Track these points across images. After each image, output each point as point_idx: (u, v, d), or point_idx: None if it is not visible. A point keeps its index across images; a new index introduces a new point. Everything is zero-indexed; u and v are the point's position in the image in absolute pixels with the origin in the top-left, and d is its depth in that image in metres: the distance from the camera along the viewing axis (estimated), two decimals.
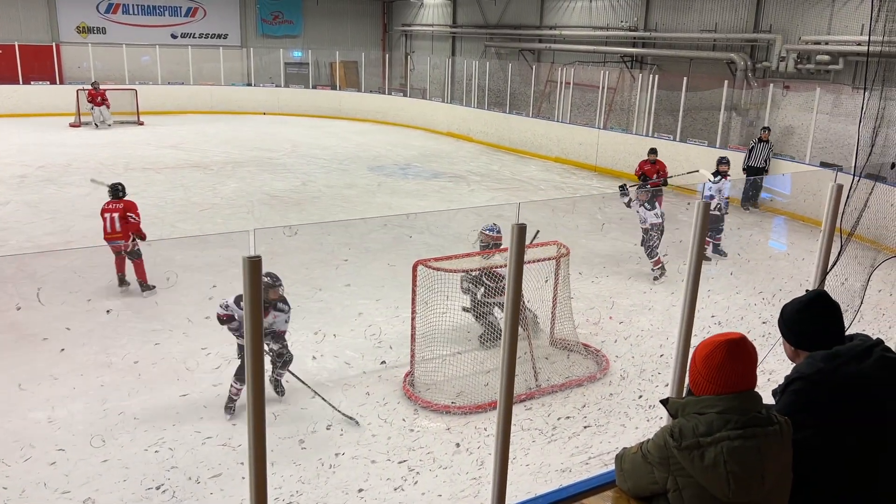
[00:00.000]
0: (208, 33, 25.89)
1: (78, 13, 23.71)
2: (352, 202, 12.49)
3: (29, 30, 22.88)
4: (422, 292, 5.95)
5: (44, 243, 9.42)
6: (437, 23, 26.82)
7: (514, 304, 2.88)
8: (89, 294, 7.15)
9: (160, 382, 5.72)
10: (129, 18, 24.52)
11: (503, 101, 19.91)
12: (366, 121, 23.20)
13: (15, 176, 13.24)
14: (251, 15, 26.76)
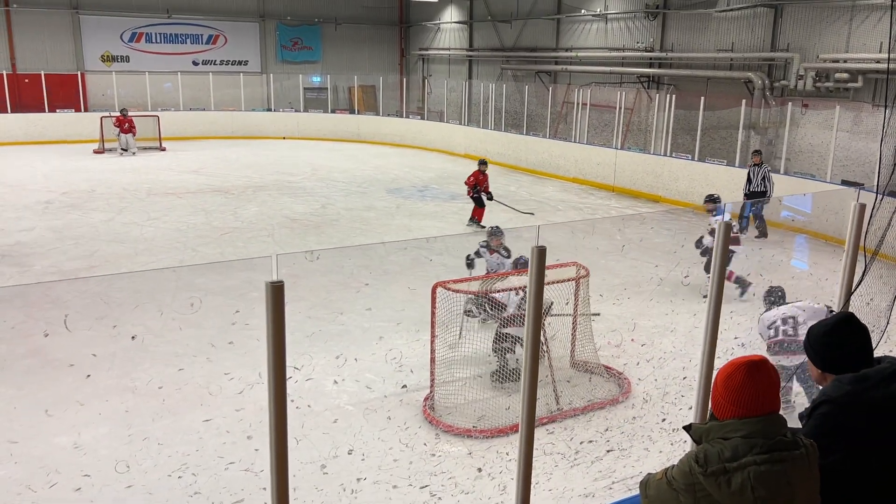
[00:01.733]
0: (229, 60, 26.36)
1: (103, 43, 24.27)
2: (371, 225, 12.56)
3: (55, 59, 23.44)
4: (441, 314, 5.95)
5: (67, 268, 9.55)
6: (454, 46, 27.08)
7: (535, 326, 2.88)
8: (114, 320, 7.21)
9: (184, 407, 5.75)
10: (152, 47, 25.06)
11: (520, 122, 20.00)
12: (384, 144, 23.39)
13: (40, 202, 13.47)
14: (271, 41, 27.21)
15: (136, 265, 9.75)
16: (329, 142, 23.69)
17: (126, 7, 24.23)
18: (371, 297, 8.41)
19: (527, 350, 2.75)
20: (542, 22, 22.09)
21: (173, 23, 25.15)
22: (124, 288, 8.57)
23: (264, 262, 2.91)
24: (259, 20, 26.79)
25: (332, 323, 7.40)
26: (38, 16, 23.08)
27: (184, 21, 25.34)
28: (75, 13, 23.66)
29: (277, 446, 2.39)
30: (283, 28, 27.26)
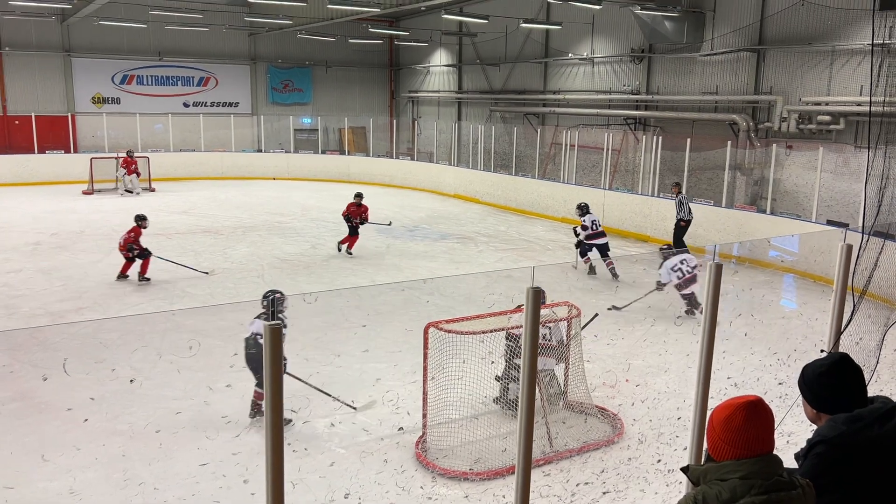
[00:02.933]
0: (220, 101, 26.59)
1: (94, 84, 24.43)
2: (361, 265, 12.57)
3: (46, 101, 23.55)
4: (434, 355, 5.93)
5: (55, 310, 9.47)
6: (444, 89, 27.48)
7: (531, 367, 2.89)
8: (109, 363, 7.15)
9: (180, 451, 5.67)
10: (143, 89, 25.25)
11: (509, 163, 20.23)
12: (374, 184, 23.50)
13: (29, 243, 13.41)
14: (262, 84, 27.51)
15: (125, 306, 9.69)
16: (319, 182, 23.79)
17: (118, 50, 24.48)
18: (366, 338, 8.39)
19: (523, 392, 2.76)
20: (530, 65, 22.51)
21: (165, 65, 25.42)
22: (114, 329, 8.50)
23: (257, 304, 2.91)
24: (250, 63, 27.12)
25: (329, 365, 7.37)
26: (30, 59, 23.26)
27: (175, 64, 25.60)
28: (67, 56, 23.87)
29: (274, 491, 2.37)
30: (273, 70, 27.59)
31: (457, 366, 5.95)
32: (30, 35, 23.03)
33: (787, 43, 14.79)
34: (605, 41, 19.70)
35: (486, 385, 6.41)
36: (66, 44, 23.80)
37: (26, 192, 19.28)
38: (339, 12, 19.82)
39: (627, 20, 17.62)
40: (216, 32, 24.80)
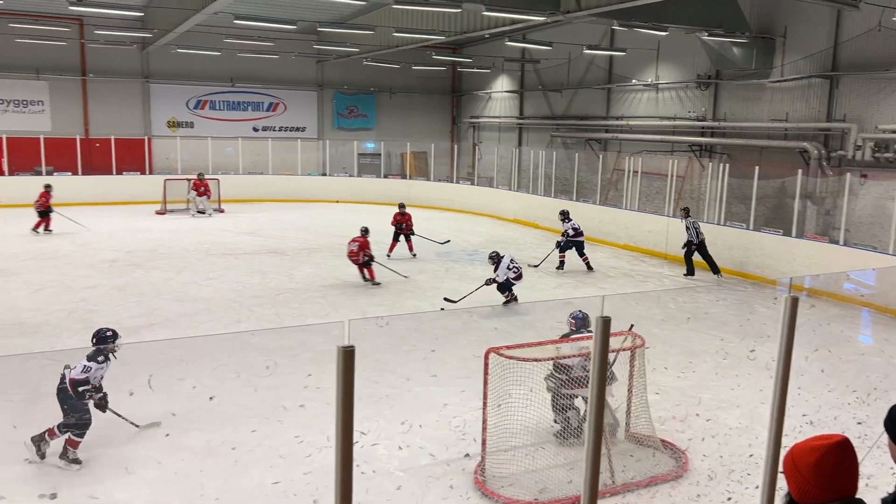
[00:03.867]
0: (288, 126, 27.40)
1: (169, 109, 25.55)
2: (421, 287, 12.66)
3: (125, 125, 24.71)
4: (495, 381, 5.91)
5: (129, 325, 9.82)
6: (505, 114, 27.63)
7: (599, 397, 2.86)
8: (194, 381, 7.41)
9: (255, 469, 5.80)
10: (216, 113, 26.25)
11: (570, 188, 20.12)
12: (434, 208, 23.71)
13: (105, 260, 14.00)
14: (328, 109, 28.23)
15: (194, 324, 10.00)
16: (381, 206, 24.10)
17: (193, 76, 25.55)
18: (427, 362, 8.43)
19: (590, 422, 2.73)
20: (593, 91, 22.44)
21: (236, 91, 26.38)
22: (184, 346, 8.78)
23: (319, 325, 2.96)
24: (317, 89, 27.88)
25: (397, 388, 7.45)
26: (111, 84, 24.49)
27: (246, 90, 26.55)
28: (146, 82, 25.03)
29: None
30: (339, 97, 28.29)
31: (523, 393, 5.92)
32: (112, 62, 24.27)
33: (862, 69, 14.34)
34: (670, 67, 19.51)
35: (548, 413, 6.36)
36: (146, 70, 24.98)
37: (104, 212, 20.15)
38: (405, 40, 20.21)
39: (693, 46, 17.42)
40: (286, 60, 25.62)
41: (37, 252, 14.69)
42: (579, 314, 6.79)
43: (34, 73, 23.37)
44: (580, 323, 6.73)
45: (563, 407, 6.27)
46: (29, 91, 23.49)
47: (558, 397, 6.23)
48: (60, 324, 9.69)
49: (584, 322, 6.72)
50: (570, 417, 6.26)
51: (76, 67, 23.98)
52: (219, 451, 6.05)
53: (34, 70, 23.31)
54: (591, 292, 12.63)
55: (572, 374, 6.12)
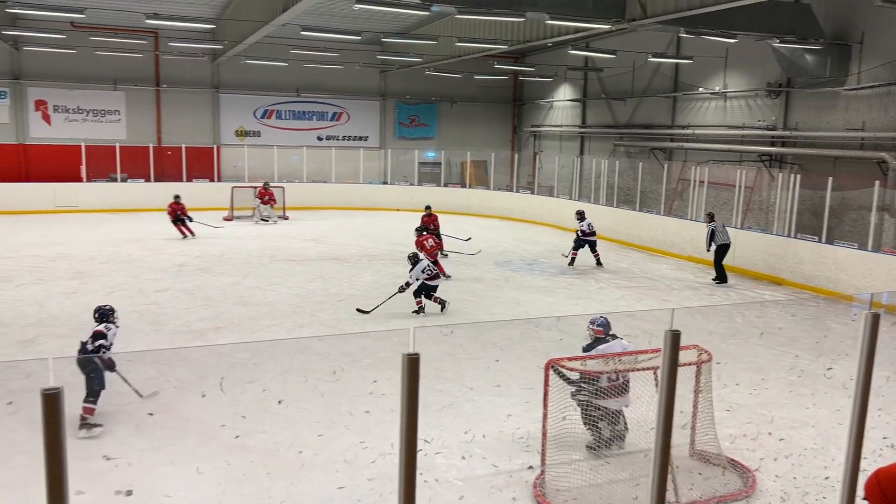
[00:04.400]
0: (350, 136, 27.89)
1: (238, 118, 26.34)
2: (479, 296, 12.63)
3: (195, 133, 25.60)
4: (555, 393, 5.84)
5: (197, 328, 10.14)
6: (566, 123, 27.43)
7: (667, 414, 2.79)
8: (264, 384, 7.58)
9: (320, 473, 5.87)
10: (282, 123, 26.93)
11: (633, 198, 19.79)
12: (493, 217, 23.71)
13: (175, 265, 14.47)
14: (390, 119, 28.60)
15: (258, 328, 10.23)
16: (440, 214, 24.20)
17: (260, 86, 26.26)
18: (487, 371, 8.40)
19: (658, 439, 2.66)
20: (658, 100, 22.06)
21: (302, 101, 27.00)
22: (248, 350, 8.99)
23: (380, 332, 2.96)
24: (380, 99, 28.28)
25: (460, 398, 7.45)
26: (183, 95, 25.41)
27: (311, 99, 27.15)
28: (215, 92, 25.86)
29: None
30: (401, 106, 28.63)
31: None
32: (184, 73, 25.19)
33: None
34: (738, 75, 19.01)
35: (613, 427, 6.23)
36: (216, 81, 25.81)
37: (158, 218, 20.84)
38: (468, 49, 20.31)
39: (764, 53, 16.93)
40: (350, 70, 26.09)
41: (111, 255, 15.30)
42: (602, 320, 6.60)
43: (112, 84, 24.43)
44: (606, 329, 6.56)
45: (594, 419, 6.15)
46: (107, 101, 24.58)
47: (589, 409, 6.12)
48: (132, 325, 10.04)
49: (608, 328, 6.57)
50: (602, 429, 6.16)
51: (150, 78, 24.97)
52: (285, 454, 6.14)
53: (112, 81, 24.38)
54: (654, 305, 12.37)
55: (600, 385, 5.99)
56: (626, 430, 6.37)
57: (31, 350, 8.97)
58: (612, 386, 5.92)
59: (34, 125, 23.94)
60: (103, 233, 18.43)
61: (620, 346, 6.34)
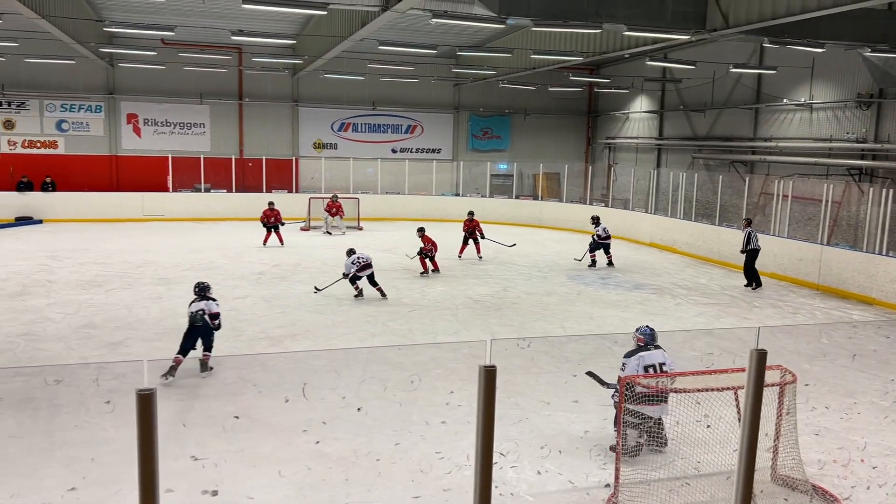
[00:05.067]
0: (424, 148, 28.22)
1: (315, 131, 27.05)
2: (551, 310, 12.51)
3: (276, 145, 26.44)
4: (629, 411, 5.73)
5: (274, 335, 10.42)
6: (643, 135, 26.95)
7: (751, 435, 2.69)
8: (342, 391, 7.72)
9: (396, 482, 5.93)
10: (358, 135, 27.50)
11: (712, 212, 19.23)
12: (565, 230, 23.47)
13: (254, 272, 14.93)
14: (463, 131, 28.78)
15: (333, 335, 10.43)
16: (511, 226, 24.20)
17: (338, 100, 26.90)
18: (560, 386, 8.31)
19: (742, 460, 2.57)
20: (739, 111, 21.42)
21: (377, 114, 27.49)
22: (323, 357, 9.18)
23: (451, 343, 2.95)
24: (454, 111, 28.50)
25: (536, 413, 7.40)
26: (264, 108, 26.29)
27: (386, 112, 27.62)
28: (295, 105, 26.64)
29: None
30: (475, 119, 28.77)
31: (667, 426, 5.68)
32: (265, 87, 26.07)
33: None
34: (825, 85, 18.28)
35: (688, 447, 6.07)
36: (295, 95, 26.59)
37: (254, 227, 21.50)
38: (543, 62, 20.25)
39: (854, 63, 16.23)
40: (425, 83, 26.43)
41: (194, 263, 15.91)
42: (646, 329, 6.68)
43: (198, 99, 25.50)
44: (649, 339, 6.61)
45: (623, 423, 6.19)
46: (192, 114, 25.67)
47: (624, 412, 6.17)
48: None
49: (652, 337, 6.62)
50: (628, 435, 6.18)
51: (234, 92, 25.93)
52: (363, 461, 6.22)
53: (198, 95, 25.44)
54: (734, 322, 11.96)
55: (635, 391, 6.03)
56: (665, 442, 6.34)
57: (120, 352, 9.41)
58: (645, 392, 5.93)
59: (125, 137, 25.22)
60: (187, 241, 19.19)
61: (662, 355, 6.44)
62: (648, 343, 6.57)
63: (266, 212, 18.78)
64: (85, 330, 10.38)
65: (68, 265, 15.31)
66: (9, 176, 23.46)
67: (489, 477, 2.31)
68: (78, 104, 24.54)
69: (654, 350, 6.49)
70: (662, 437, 6.30)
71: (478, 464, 2.32)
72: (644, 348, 6.53)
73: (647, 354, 6.44)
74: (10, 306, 11.65)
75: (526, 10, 12.62)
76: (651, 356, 6.42)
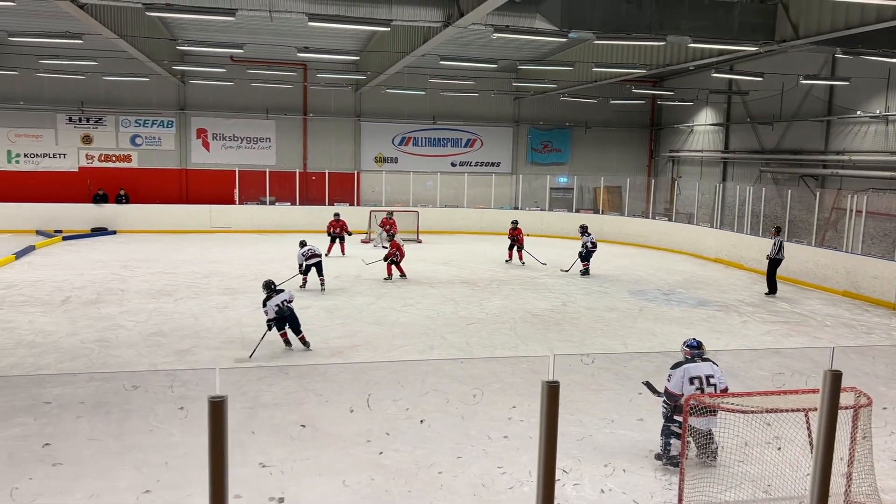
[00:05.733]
0: (483, 161, 28.29)
1: (377, 145, 27.46)
2: (612, 326, 12.32)
3: (338, 159, 26.96)
4: None
5: (335, 345, 10.58)
6: (708, 148, 26.38)
7: (826, 461, 2.59)
8: (408, 403, 7.78)
9: (458, 495, 5.94)
10: (418, 149, 27.79)
11: (780, 227, 18.63)
12: (626, 244, 23.12)
13: (317, 283, 15.19)
14: (523, 145, 28.74)
15: (392, 347, 10.52)
16: (571, 240, 23.98)
17: (399, 114, 27.26)
18: (612, 401, 8.17)
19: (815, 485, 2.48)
20: (810, 123, 20.76)
21: (438, 128, 27.73)
22: (382, 368, 9.27)
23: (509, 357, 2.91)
24: (513, 125, 28.50)
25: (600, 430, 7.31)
26: (327, 123, 26.85)
27: (446, 126, 27.82)
28: (357, 120, 27.12)
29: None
30: (535, 132, 28.70)
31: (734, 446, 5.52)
32: (329, 102, 26.65)
33: None
34: None
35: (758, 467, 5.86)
36: (358, 110, 27.07)
37: (316, 239, 21.86)
38: (605, 75, 20.09)
39: None
40: (485, 97, 26.54)
41: (259, 274, 16.29)
42: (693, 342, 6.74)
43: (264, 114, 26.24)
44: (694, 351, 6.64)
45: (669, 433, 6.34)
46: (259, 129, 26.42)
47: (668, 423, 6.38)
48: (276, 339, 10.64)
49: (699, 350, 6.65)
50: (672, 445, 6.22)
51: (299, 108, 26.58)
52: (426, 474, 6.24)
53: (264, 111, 26.18)
54: (804, 342, 11.54)
55: (679, 403, 6.09)
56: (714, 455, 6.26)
57: (187, 359, 9.71)
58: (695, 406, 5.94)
59: (195, 151, 26.12)
60: (252, 252, 19.70)
61: (709, 367, 6.45)
62: (695, 356, 6.60)
63: (332, 222, 19.21)
64: (154, 337, 10.75)
65: (139, 274, 15.91)
66: (86, 189, 24.59)
67: (552, 494, 2.29)
68: (151, 119, 25.57)
69: (700, 362, 6.50)
70: (711, 450, 6.25)
71: (540, 480, 2.30)
72: (690, 360, 6.56)
73: (693, 366, 6.45)
74: (86, 313, 12.17)
75: (588, 24, 12.56)
76: (697, 368, 6.43)
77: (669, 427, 6.38)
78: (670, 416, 6.38)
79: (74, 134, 25.00)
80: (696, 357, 6.58)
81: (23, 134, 24.64)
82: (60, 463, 6.31)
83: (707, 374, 6.39)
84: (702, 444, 6.26)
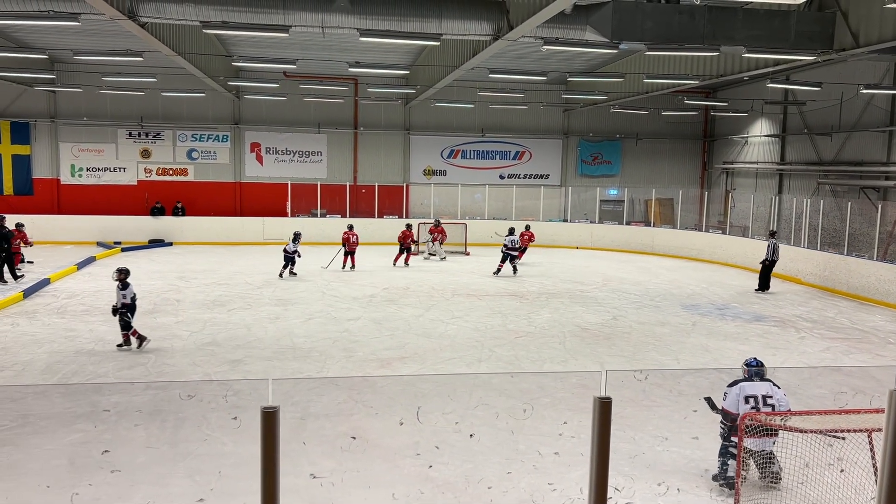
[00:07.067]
0: (532, 174, 28.19)
1: (426, 158, 27.65)
2: (664, 341, 12.09)
3: (388, 172, 27.23)
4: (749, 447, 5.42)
5: (383, 357, 10.64)
6: (763, 160, 25.78)
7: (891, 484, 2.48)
8: (457, 417, 7.77)
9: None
10: (466, 162, 27.86)
11: (840, 241, 18.06)
12: (679, 257, 22.71)
13: (366, 295, 15.35)
14: (572, 157, 28.55)
15: (439, 360, 10.52)
16: (621, 253, 23.69)
17: (448, 128, 27.41)
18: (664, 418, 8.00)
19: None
20: (870, 134, 20.10)
21: (486, 140, 27.78)
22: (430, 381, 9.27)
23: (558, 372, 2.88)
24: (562, 137, 28.35)
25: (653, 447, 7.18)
26: (377, 136, 27.17)
27: (495, 139, 27.85)
28: (407, 134, 27.36)
29: None
30: (584, 144, 28.48)
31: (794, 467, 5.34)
32: (379, 116, 26.98)
33: None
34: None
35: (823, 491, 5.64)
36: (407, 123, 27.33)
37: (367, 251, 22.14)
38: (656, 86, 19.84)
39: None
40: (533, 110, 26.50)
41: (310, 286, 16.55)
42: (752, 361, 6.70)
43: (315, 128, 26.71)
44: (753, 371, 6.55)
45: (726, 453, 6.28)
46: (311, 143, 26.89)
47: (726, 443, 6.30)
48: (326, 350, 10.76)
49: (757, 370, 6.56)
50: (729, 465, 6.12)
51: (349, 122, 26.97)
52: (475, 488, 6.20)
53: (316, 125, 26.65)
54: (866, 359, 11.13)
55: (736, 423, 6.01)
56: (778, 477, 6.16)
57: (239, 369, 9.89)
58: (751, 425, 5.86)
59: (249, 165, 26.72)
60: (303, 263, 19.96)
61: (767, 387, 6.32)
62: (752, 374, 6.50)
63: (405, 232, 19.61)
64: (208, 347, 10.99)
65: (195, 285, 16.31)
66: (144, 202, 25.39)
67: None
68: (206, 134, 26.28)
69: (757, 381, 6.37)
70: (771, 471, 6.11)
71: (591, 498, 2.26)
72: (748, 379, 6.45)
73: (749, 385, 6.33)
74: (143, 323, 12.51)
75: (639, 35, 12.43)
76: (753, 387, 6.30)
77: (727, 447, 6.27)
78: (727, 436, 6.27)
79: (134, 148, 25.87)
80: (754, 376, 6.46)
81: (85, 149, 25.63)
82: (118, 469, 6.48)
83: (764, 394, 6.23)
84: (761, 464, 6.11)
